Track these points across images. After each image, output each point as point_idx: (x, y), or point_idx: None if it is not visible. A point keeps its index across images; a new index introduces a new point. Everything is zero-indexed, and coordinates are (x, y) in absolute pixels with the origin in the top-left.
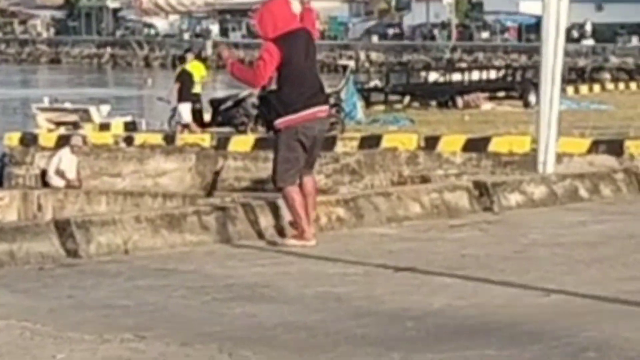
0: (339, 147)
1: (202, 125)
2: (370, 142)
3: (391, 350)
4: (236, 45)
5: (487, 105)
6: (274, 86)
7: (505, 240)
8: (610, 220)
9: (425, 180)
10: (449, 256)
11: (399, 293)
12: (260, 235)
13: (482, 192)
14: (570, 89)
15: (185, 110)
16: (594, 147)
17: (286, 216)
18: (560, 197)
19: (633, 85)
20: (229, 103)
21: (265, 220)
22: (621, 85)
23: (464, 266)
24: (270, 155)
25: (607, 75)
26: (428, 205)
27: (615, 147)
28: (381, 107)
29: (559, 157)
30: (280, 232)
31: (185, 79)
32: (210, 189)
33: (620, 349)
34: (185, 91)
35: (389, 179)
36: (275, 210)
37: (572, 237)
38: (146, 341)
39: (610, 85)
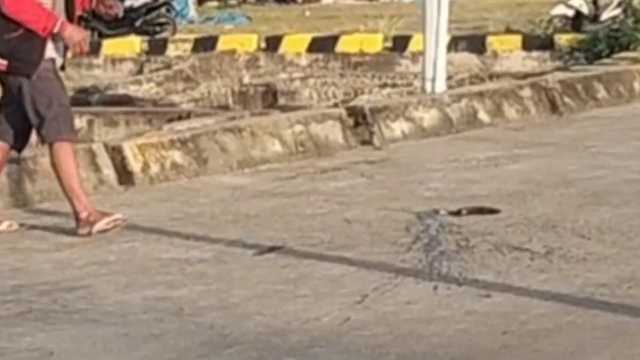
0: (171, 51)
1: None
2: (205, 44)
3: None
4: None
5: None
6: None
7: (402, 193)
8: (528, 156)
9: (269, 88)
10: (330, 222)
11: (267, 297)
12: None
13: (359, 120)
14: None
15: None
16: (453, 43)
17: None
18: (456, 124)
19: None
20: None
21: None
22: None
23: (355, 240)
24: None
25: None
26: (291, 141)
27: (476, 44)
28: (215, 4)
29: (414, 57)
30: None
31: None
32: None
33: None
34: None
35: (229, 86)
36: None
37: (489, 185)
38: None
39: None
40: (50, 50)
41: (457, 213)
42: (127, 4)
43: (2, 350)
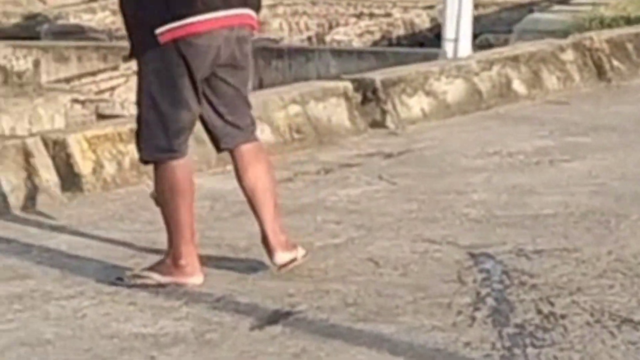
0: None
1: None
2: None
3: None
4: None
5: None
6: None
7: (438, 210)
8: (588, 147)
9: None
10: (351, 264)
11: None
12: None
13: (368, 95)
14: None
15: None
16: None
17: None
18: (486, 97)
19: None
20: None
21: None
22: None
23: (391, 301)
24: None
25: None
26: (284, 126)
27: None
28: None
29: None
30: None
31: None
32: None
33: None
34: None
35: None
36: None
37: (552, 198)
38: None
39: None
40: None
41: None
42: None
43: None
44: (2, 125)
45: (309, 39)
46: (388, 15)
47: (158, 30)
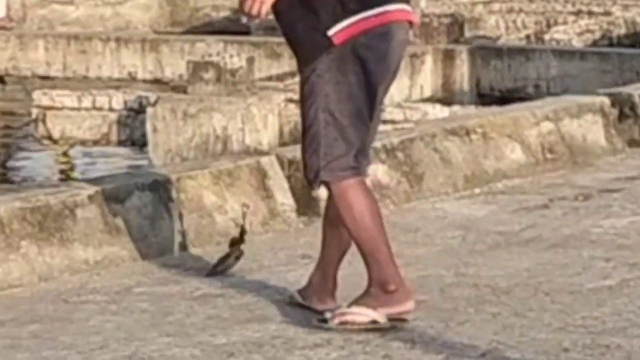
0: None
1: None
2: None
3: None
4: None
5: None
6: None
7: None
8: None
9: (455, 19)
10: (632, 314)
11: None
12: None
13: (625, 112)
14: None
15: None
16: None
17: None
18: None
19: None
20: None
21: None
22: None
23: None
24: None
25: None
26: (536, 145)
27: None
28: None
29: None
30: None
31: None
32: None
33: None
34: None
35: None
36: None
37: None
38: None
39: None
40: None
41: None
42: None
43: None
44: (214, 124)
45: (527, 37)
46: (608, 13)
47: (331, 31)
